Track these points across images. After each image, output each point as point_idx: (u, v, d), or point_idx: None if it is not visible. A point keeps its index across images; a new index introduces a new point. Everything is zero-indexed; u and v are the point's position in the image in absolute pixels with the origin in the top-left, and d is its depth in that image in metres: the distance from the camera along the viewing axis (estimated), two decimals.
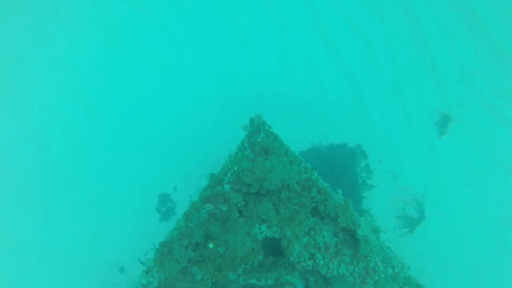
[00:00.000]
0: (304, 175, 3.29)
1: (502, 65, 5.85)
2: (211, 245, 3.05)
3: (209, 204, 3.08)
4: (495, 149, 5.74)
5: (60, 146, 6.76)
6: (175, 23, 7.01)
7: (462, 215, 5.58)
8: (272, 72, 6.55)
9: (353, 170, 6.00)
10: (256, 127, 3.41)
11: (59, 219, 6.55)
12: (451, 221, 5.55)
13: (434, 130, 5.90)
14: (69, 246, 6.41)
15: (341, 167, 6.00)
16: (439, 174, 5.75)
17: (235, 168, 3.15)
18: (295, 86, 6.42)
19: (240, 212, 3.17)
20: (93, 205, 6.60)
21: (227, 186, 3.18)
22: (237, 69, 6.74)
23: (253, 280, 3.22)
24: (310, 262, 3.11)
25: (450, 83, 5.99)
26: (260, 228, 3.14)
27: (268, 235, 3.15)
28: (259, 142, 3.24)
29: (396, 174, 5.83)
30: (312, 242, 3.13)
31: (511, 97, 5.84)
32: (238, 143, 6.30)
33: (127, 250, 6.37)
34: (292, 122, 6.31)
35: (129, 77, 6.92)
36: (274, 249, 3.32)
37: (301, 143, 6.22)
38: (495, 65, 5.87)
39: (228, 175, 3.23)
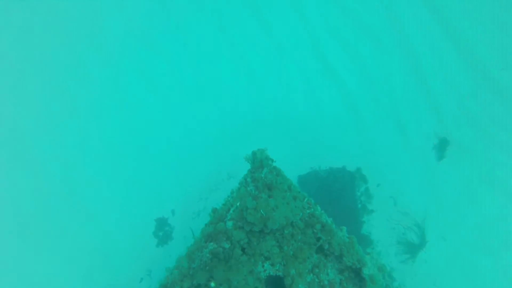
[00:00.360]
0: (308, 211, 3.24)
1: (493, 91, 5.96)
2: (213, 284, 2.97)
3: (211, 243, 3.01)
4: (492, 172, 5.76)
5: (56, 168, 6.65)
6: (176, 47, 7.06)
7: (463, 239, 5.54)
8: (272, 96, 6.58)
9: (353, 194, 5.97)
10: (259, 162, 3.38)
11: (52, 240, 6.39)
12: (453, 246, 5.51)
13: (432, 154, 5.92)
14: (62, 268, 6.22)
15: (340, 191, 5.96)
16: (439, 198, 5.74)
17: (238, 204, 3.10)
18: (294, 110, 6.44)
19: (243, 249, 3.10)
20: (90, 229, 6.45)
21: (229, 223, 3.12)
22: (237, 92, 6.77)
23: None
24: None
25: (446, 107, 6.06)
26: (263, 266, 3.07)
27: (271, 273, 3.07)
28: (263, 178, 3.20)
29: (396, 198, 5.80)
30: (316, 280, 3.07)
31: (504, 122, 5.91)
32: (237, 168, 6.35)
33: (122, 277, 6.21)
34: (291, 146, 6.30)
35: (128, 99, 6.89)
36: (277, 287, 3.24)
37: (300, 167, 6.20)
38: (487, 90, 5.98)
39: (231, 211, 3.17)
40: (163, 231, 6.54)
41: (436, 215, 5.66)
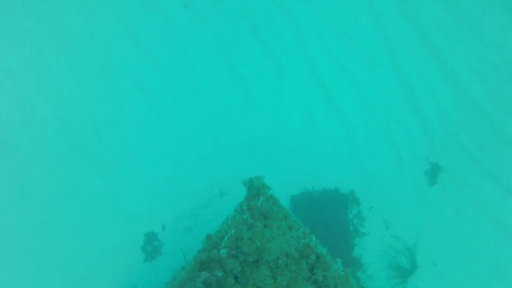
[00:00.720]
0: (303, 241, 3.21)
1: (482, 121, 6.13)
2: None
3: (204, 272, 2.95)
4: (481, 200, 5.87)
5: (40, 183, 6.48)
6: (172, 60, 7.03)
7: (453, 266, 5.58)
8: (267, 115, 6.59)
9: (345, 216, 5.98)
10: (256, 190, 3.35)
11: (38, 253, 6.18)
12: (443, 272, 5.54)
13: (425, 179, 5.99)
14: (46, 278, 6.02)
15: (333, 213, 5.97)
16: (430, 223, 5.79)
17: (233, 232, 3.05)
18: (289, 130, 6.46)
19: (236, 278, 3.04)
20: (75, 241, 6.27)
21: (223, 251, 3.07)
22: (233, 110, 6.75)
23: None
24: None
25: (438, 134, 6.17)
26: None
27: None
28: (259, 207, 3.17)
29: (389, 221, 5.83)
30: None
31: (491, 150, 6.05)
32: (230, 185, 6.31)
33: None
34: (285, 166, 6.30)
35: (122, 111, 6.80)
36: None
37: (294, 187, 6.19)
38: (476, 120, 6.14)
39: (225, 239, 3.12)
40: (151, 246, 6.41)
41: (427, 240, 5.70)
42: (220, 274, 2.99)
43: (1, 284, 5.91)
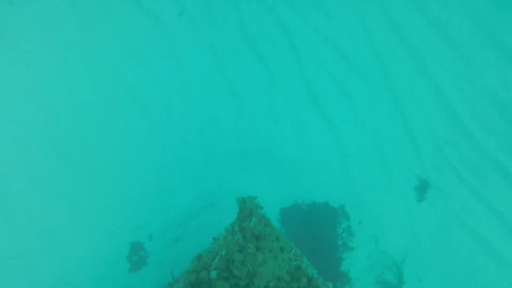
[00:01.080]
0: (294, 263, 3.19)
1: (466, 138, 6.28)
2: None
3: None
4: (465, 217, 5.99)
5: (22, 189, 6.28)
6: (165, 67, 6.94)
7: (438, 282, 5.66)
8: (259, 126, 6.57)
9: (334, 230, 6.00)
10: (248, 211, 3.31)
11: (19, 262, 5.97)
12: None
13: (414, 195, 6.08)
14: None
15: (322, 227, 5.99)
16: (418, 240, 5.87)
17: (224, 253, 3.00)
18: (281, 141, 6.46)
19: None
20: (57, 249, 6.09)
21: (213, 273, 3.01)
22: (224, 119, 6.71)
23: None
24: None
25: (427, 151, 6.28)
26: None
27: None
28: (251, 228, 3.13)
29: (377, 237, 5.88)
30: None
31: (477, 168, 6.20)
32: (220, 196, 6.26)
33: None
34: (276, 178, 6.29)
35: (110, 117, 6.67)
36: None
37: (284, 199, 6.19)
38: (461, 137, 6.29)
39: (216, 260, 3.07)
40: (137, 256, 6.28)
41: (414, 256, 5.77)
42: None
43: None
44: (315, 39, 7.08)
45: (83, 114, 6.63)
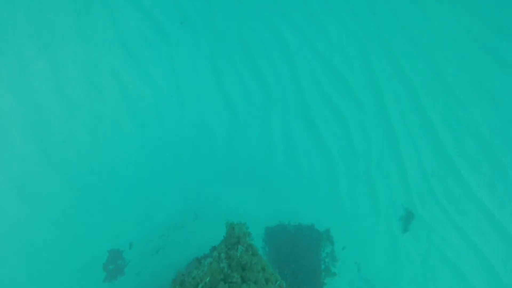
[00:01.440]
0: None
1: (452, 172, 6.43)
2: None
3: None
4: (446, 250, 6.08)
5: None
6: (162, 74, 6.85)
7: None
8: (251, 142, 6.54)
9: (318, 254, 5.98)
10: (236, 238, 3.25)
11: None
12: None
13: (399, 225, 6.13)
14: None
15: (306, 249, 5.96)
16: (400, 270, 5.91)
17: (208, 280, 2.92)
18: (272, 160, 6.43)
19: None
20: (31, 253, 5.84)
21: None
22: (216, 132, 6.64)
23: None
24: None
25: (414, 182, 6.38)
26: None
27: None
28: (238, 257, 3.06)
29: (360, 264, 5.88)
30: None
31: (460, 203, 6.33)
32: (205, 209, 6.16)
33: None
34: (264, 196, 6.24)
35: (100, 120, 6.51)
36: None
37: (270, 218, 6.15)
38: (447, 171, 6.44)
39: (199, 287, 2.98)
40: (114, 265, 6.09)
41: (396, 286, 5.80)
42: None
43: None
44: (313, 59, 7.15)
45: (73, 114, 6.44)
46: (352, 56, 7.18)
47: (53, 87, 6.49)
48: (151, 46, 6.97)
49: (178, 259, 6.04)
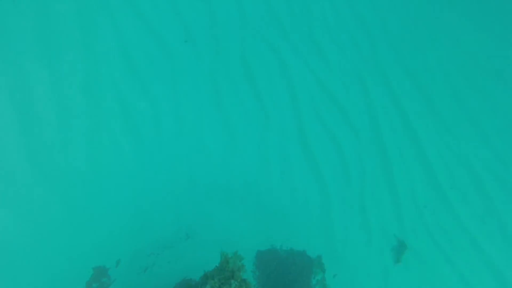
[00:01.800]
0: None
1: (445, 204, 6.52)
2: None
3: None
4: (437, 283, 6.08)
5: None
6: (162, 89, 6.86)
7: None
8: (247, 162, 6.53)
9: (308, 280, 5.90)
10: (230, 272, 3.17)
11: None
12: None
13: (391, 256, 6.12)
14: None
15: (296, 275, 5.88)
16: None
17: None
18: (267, 182, 6.41)
19: None
20: (11, 269, 5.60)
21: None
22: (213, 149, 6.62)
23: None
24: None
25: (407, 213, 6.42)
26: None
27: None
28: None
29: None
30: None
31: (452, 236, 6.38)
32: (197, 229, 6.05)
33: None
34: (257, 219, 6.18)
35: (98, 131, 6.43)
36: None
37: (261, 242, 6.08)
38: (440, 204, 6.52)
39: None
40: (98, 283, 5.87)
41: None
42: None
43: None
44: (312, 84, 7.28)
45: (69, 123, 6.36)
46: (350, 84, 7.34)
47: (52, 95, 6.43)
48: (153, 61, 7.01)
49: (166, 279, 5.87)
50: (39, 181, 6.05)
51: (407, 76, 7.62)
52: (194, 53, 7.15)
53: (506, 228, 6.44)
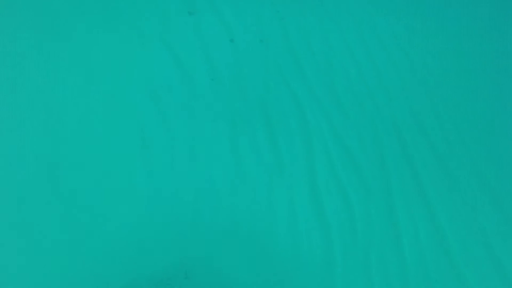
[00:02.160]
0: None
1: (458, 283, 6.28)
2: None
3: None
4: None
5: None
6: (178, 115, 6.97)
7: None
8: (255, 207, 6.44)
9: None
10: None
11: None
12: None
13: None
14: None
15: None
16: None
17: None
18: (273, 230, 6.30)
19: None
20: None
21: None
22: (220, 186, 6.57)
23: None
24: None
25: (414, 279, 6.20)
26: None
27: None
28: None
29: None
30: None
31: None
32: (197, 270, 5.88)
33: None
34: (258, 266, 6.00)
35: (107, 157, 6.47)
36: None
37: None
38: (452, 281, 6.28)
39: None
40: None
41: None
42: None
43: None
44: (329, 136, 7.34)
45: (82, 145, 6.42)
46: (366, 139, 7.38)
47: (74, 117, 6.55)
48: (174, 90, 7.24)
49: None
50: (33, 189, 5.88)
51: (420, 133, 7.64)
52: (217, 92, 7.33)
53: None
